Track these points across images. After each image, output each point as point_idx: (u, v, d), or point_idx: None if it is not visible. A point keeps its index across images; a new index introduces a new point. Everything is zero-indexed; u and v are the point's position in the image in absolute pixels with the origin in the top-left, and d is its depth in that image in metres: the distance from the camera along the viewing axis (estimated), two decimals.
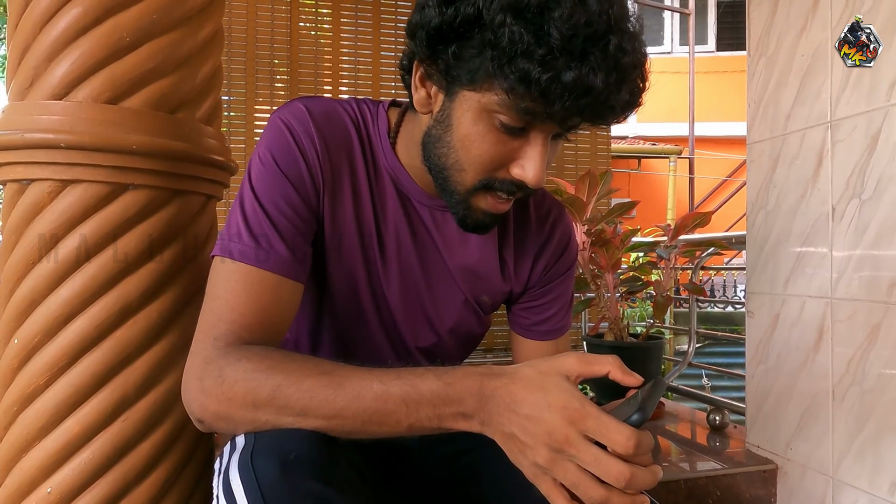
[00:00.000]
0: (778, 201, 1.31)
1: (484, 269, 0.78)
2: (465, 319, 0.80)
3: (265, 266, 0.62)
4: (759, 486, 1.29)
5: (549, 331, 0.83)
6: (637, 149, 8.31)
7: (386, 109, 0.75)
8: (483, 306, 0.81)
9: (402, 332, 0.79)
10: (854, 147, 1.13)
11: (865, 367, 1.10)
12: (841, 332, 1.15)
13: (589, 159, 2.43)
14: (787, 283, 1.28)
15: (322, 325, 0.78)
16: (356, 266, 0.73)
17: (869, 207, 1.10)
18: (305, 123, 0.68)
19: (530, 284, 0.82)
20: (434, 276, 0.77)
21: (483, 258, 0.78)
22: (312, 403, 0.54)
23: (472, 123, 0.61)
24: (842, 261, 1.15)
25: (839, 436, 1.16)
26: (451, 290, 0.78)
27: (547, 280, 0.82)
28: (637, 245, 1.85)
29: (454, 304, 0.79)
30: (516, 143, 0.61)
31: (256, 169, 0.67)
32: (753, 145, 1.38)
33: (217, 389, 0.56)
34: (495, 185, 0.64)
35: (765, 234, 1.34)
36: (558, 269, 0.82)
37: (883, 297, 1.07)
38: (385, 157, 0.73)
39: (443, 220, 0.75)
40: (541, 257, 0.81)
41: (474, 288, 0.79)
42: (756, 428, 1.37)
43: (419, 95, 0.65)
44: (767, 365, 1.33)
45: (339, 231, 0.71)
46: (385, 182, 0.73)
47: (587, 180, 1.58)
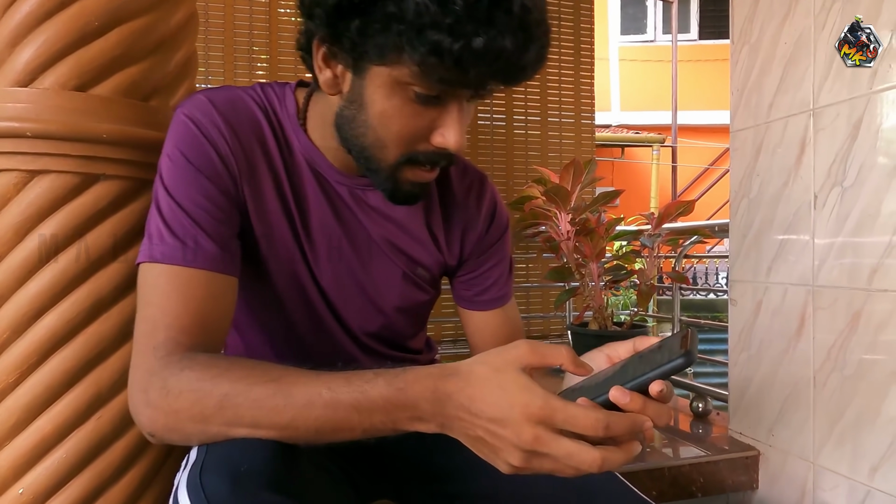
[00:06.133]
0: (761, 189, 1.31)
1: (414, 241, 0.78)
2: (409, 294, 0.80)
3: (194, 264, 0.61)
4: (742, 472, 1.31)
5: (492, 300, 0.83)
6: (620, 137, 8.34)
7: (293, 90, 0.73)
8: (423, 279, 0.81)
9: (346, 318, 0.77)
10: (836, 135, 1.13)
11: (846, 353, 1.11)
12: (822, 319, 1.16)
13: (573, 148, 2.43)
14: (770, 270, 1.28)
15: (269, 319, 0.76)
16: (289, 251, 0.72)
17: (850, 195, 1.10)
18: (210, 114, 0.66)
19: (465, 257, 0.82)
20: (366, 254, 0.76)
21: (411, 231, 0.78)
22: (262, 414, 0.52)
23: (386, 99, 0.60)
24: (823, 248, 1.16)
25: (820, 422, 1.17)
26: (387, 266, 0.77)
27: (481, 251, 0.82)
28: (621, 234, 1.85)
29: (393, 279, 0.78)
30: (433, 113, 0.61)
31: (167, 168, 0.65)
32: (737, 133, 1.38)
33: (163, 402, 0.54)
34: (419, 158, 0.64)
35: (748, 222, 1.35)
36: (490, 239, 0.82)
37: (864, 284, 1.07)
38: (298, 141, 0.71)
39: (364, 197, 0.74)
40: (470, 229, 0.81)
41: (409, 262, 0.78)
42: (739, 415, 1.38)
43: (325, 77, 0.64)
44: (750, 352, 1.34)
45: (265, 218, 0.70)
46: (301, 166, 0.72)
47: (572, 169, 1.57)
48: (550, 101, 2.39)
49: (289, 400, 0.52)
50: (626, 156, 8.64)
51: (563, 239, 1.63)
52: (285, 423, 0.52)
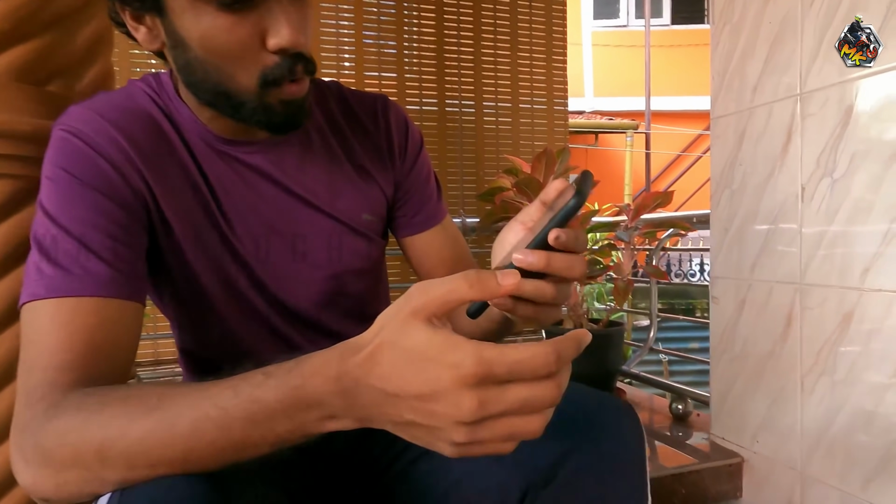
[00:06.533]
0: (744, 180, 1.23)
1: (348, 187, 0.74)
2: (356, 251, 0.74)
3: (81, 292, 0.53)
4: (726, 480, 1.24)
5: (428, 217, 0.81)
6: (594, 124, 8.29)
7: (170, 74, 0.68)
8: (370, 227, 0.76)
9: (294, 302, 0.71)
10: (826, 121, 1.05)
11: (836, 357, 1.04)
12: (811, 319, 1.09)
13: (546, 135, 2.33)
14: (754, 267, 1.21)
15: (204, 321, 0.70)
16: (214, 245, 0.67)
17: (841, 187, 1.03)
18: (94, 123, 0.61)
19: (397, 177, 0.79)
20: (294, 219, 0.71)
21: (336, 174, 0.73)
22: (152, 454, 0.44)
23: (196, 23, 0.57)
24: (812, 244, 1.08)
25: (808, 429, 1.10)
26: (322, 225, 0.72)
27: (407, 168, 0.80)
28: (597, 226, 1.76)
29: (333, 237, 0.73)
30: (253, 17, 0.58)
31: (48, 192, 0.58)
32: (718, 120, 1.30)
33: (40, 460, 0.45)
34: (274, 74, 0.60)
35: (730, 214, 1.27)
36: (411, 153, 0.80)
37: (856, 283, 1.00)
38: (185, 120, 0.67)
39: (276, 158, 0.70)
40: (392, 146, 0.78)
41: (347, 209, 0.74)
42: (721, 419, 1.31)
43: (143, 36, 0.61)
44: (733, 353, 1.27)
45: (183, 217, 0.65)
46: (198, 145, 0.67)
47: (544, 159, 1.48)
48: (522, 88, 2.29)
49: (174, 430, 0.44)
50: (599, 143, 8.59)
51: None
52: (181, 457, 0.44)
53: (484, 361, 0.38)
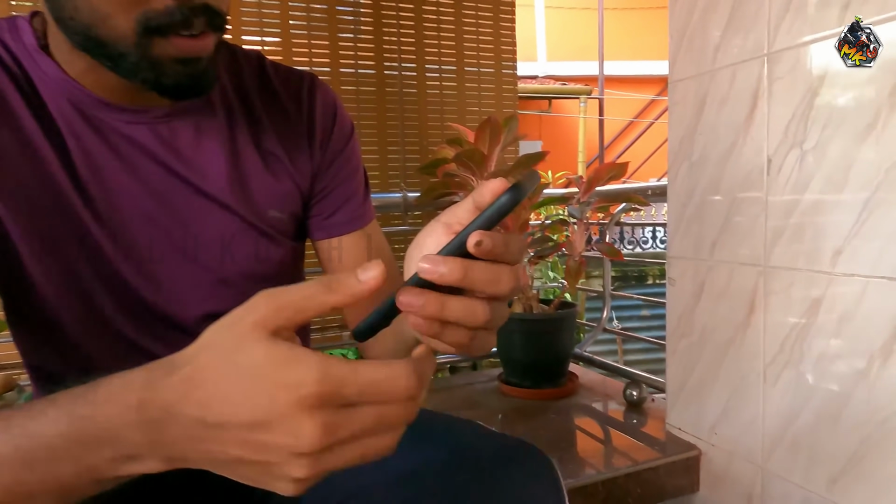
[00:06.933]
0: (705, 151, 1.11)
1: (248, 172, 0.63)
2: (255, 253, 0.64)
3: None
4: (682, 475, 1.16)
5: (349, 219, 0.72)
6: (546, 89, 8.15)
7: (29, 21, 0.57)
8: (277, 225, 0.66)
9: (173, 311, 0.61)
10: (796, 85, 0.94)
11: (803, 347, 0.95)
12: (775, 305, 0.99)
13: (494, 101, 2.18)
14: (714, 247, 1.10)
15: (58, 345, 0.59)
16: (67, 242, 0.55)
17: (812, 159, 0.92)
18: None
19: (316, 169, 0.69)
20: (181, 210, 0.60)
21: (240, 159, 0.63)
22: None
23: None
24: (778, 222, 0.98)
25: (771, 423, 1.01)
26: (216, 219, 0.62)
27: (330, 160, 0.70)
28: (548, 200, 1.64)
29: (227, 234, 0.62)
30: None
31: None
32: (676, 84, 1.17)
33: None
34: (160, 20, 0.49)
35: (688, 189, 1.16)
36: (336, 144, 0.71)
37: (826, 266, 0.90)
38: (46, 75, 0.55)
39: (167, 133, 0.59)
40: (314, 134, 0.69)
41: (250, 202, 0.63)
42: (678, 408, 1.22)
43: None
44: (691, 339, 1.17)
45: (17, 204, 0.53)
46: (61, 108, 0.55)
47: (488, 128, 1.33)
48: (468, 50, 2.12)
49: None
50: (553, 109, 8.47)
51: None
52: None
53: (330, 379, 0.31)
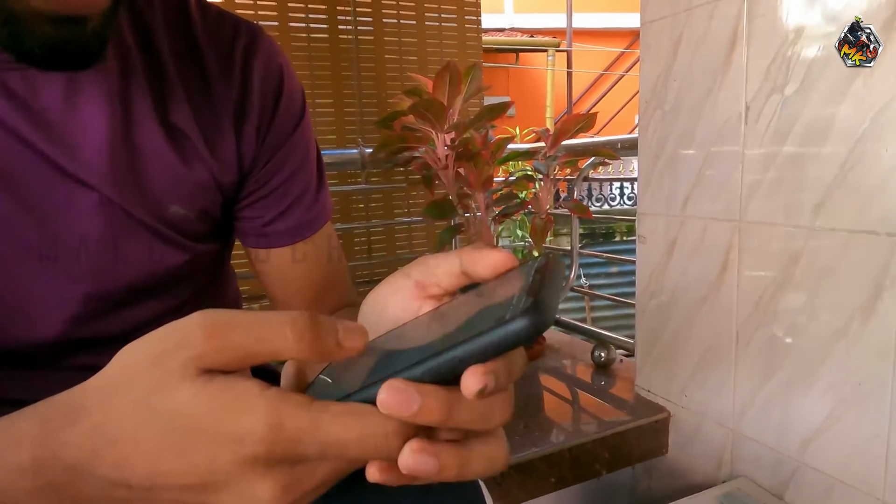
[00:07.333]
0: (679, 98, 1.04)
1: (141, 151, 0.47)
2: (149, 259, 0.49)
3: None
4: (651, 438, 1.12)
5: (297, 226, 0.55)
6: (512, 41, 7.95)
7: None
8: (180, 226, 0.50)
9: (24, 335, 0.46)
10: (777, 23, 0.86)
11: (778, 306, 0.90)
12: (750, 262, 0.94)
13: (457, 52, 2.06)
14: (687, 201, 1.04)
15: None
16: None
17: (794, 104, 0.85)
18: None
19: (246, 161, 0.52)
20: (37, 195, 0.44)
21: (130, 130, 0.46)
22: None
23: None
24: (755, 174, 0.91)
25: (742, 384, 0.97)
26: (90, 211, 0.46)
27: (273, 146, 0.53)
28: (512, 155, 1.55)
29: (107, 233, 0.46)
30: None
31: None
32: (649, 25, 1.09)
33: None
34: None
35: (661, 139, 1.08)
36: (283, 123, 0.53)
37: (806, 220, 0.85)
38: None
39: (27, 89, 0.42)
40: (248, 110, 0.51)
41: (141, 192, 0.47)
42: (646, 370, 1.18)
43: None
44: (661, 299, 1.12)
45: None
46: None
47: (447, 76, 1.23)
48: (428, 2, 1.98)
49: None
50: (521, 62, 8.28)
51: (440, 166, 1.31)
52: None
53: (282, 435, 0.24)
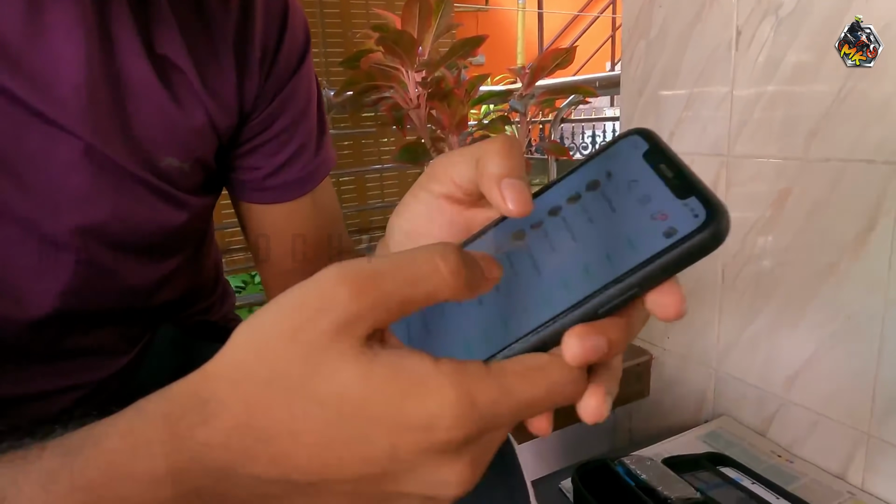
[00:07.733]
0: (664, 26, 0.98)
1: (126, 89, 0.40)
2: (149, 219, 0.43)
3: None
4: (634, 382, 1.11)
5: (298, 180, 0.50)
6: None
7: None
8: (175, 179, 0.44)
9: None
10: None
11: (767, 242, 0.87)
12: (738, 198, 0.90)
13: None
14: (673, 137, 0.99)
15: None
16: None
17: (788, 27, 0.80)
18: None
19: (248, 100, 0.46)
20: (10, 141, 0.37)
21: (112, 63, 0.40)
22: None
23: None
24: (745, 106, 0.87)
25: (727, 324, 0.95)
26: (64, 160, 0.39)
27: (276, 85, 0.47)
28: (486, 95, 1.49)
29: (84, 188, 0.40)
30: None
31: None
32: None
33: None
34: None
35: (645, 72, 1.03)
36: (286, 60, 0.47)
37: (798, 152, 0.81)
38: None
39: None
40: (250, 41, 0.45)
41: (127, 139, 0.41)
42: None
43: None
44: None
45: None
46: None
47: (416, 7, 1.15)
48: None
49: None
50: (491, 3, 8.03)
51: (412, 106, 1.24)
52: None
53: (476, 415, 0.20)
